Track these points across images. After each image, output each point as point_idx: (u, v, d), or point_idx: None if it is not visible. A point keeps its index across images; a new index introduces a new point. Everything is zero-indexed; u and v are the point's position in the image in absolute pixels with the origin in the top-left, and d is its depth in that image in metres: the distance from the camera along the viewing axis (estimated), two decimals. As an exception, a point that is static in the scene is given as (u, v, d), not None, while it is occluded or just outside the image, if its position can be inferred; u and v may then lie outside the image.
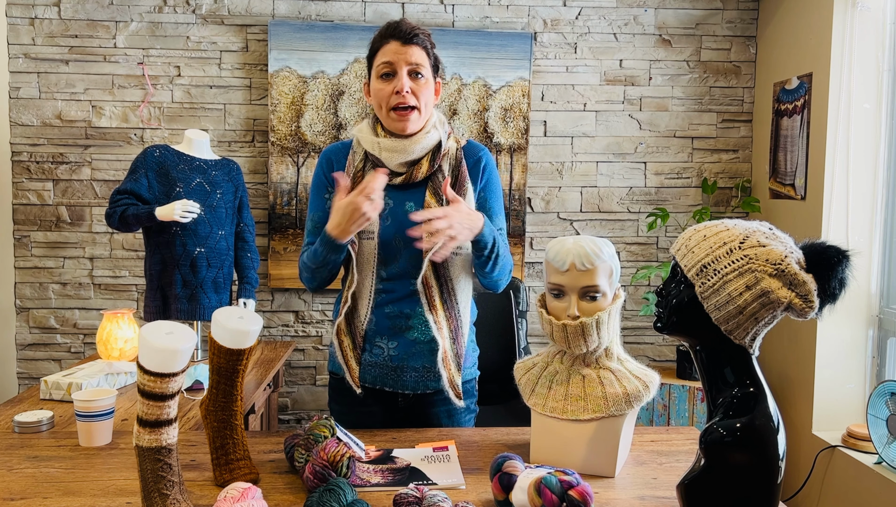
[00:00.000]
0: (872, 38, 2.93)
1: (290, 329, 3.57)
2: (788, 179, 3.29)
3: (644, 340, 3.72)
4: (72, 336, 3.51)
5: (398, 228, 1.63)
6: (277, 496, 1.27)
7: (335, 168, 1.69)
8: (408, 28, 1.61)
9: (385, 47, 1.61)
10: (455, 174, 1.67)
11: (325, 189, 1.70)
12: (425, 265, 1.61)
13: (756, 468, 1.11)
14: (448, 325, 1.65)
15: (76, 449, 1.51)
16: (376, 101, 1.64)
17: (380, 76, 1.62)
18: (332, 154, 1.72)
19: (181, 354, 1.13)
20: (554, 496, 1.14)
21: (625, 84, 3.60)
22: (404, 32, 1.60)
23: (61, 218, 3.46)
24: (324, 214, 1.66)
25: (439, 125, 1.68)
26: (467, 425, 1.76)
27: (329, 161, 1.71)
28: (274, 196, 3.45)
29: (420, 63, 1.61)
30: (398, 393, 1.68)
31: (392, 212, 1.64)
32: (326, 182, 1.70)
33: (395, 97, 1.60)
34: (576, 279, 1.37)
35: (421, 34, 1.62)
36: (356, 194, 1.48)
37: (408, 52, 1.60)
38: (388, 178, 1.60)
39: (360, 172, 1.65)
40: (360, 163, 1.67)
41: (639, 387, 1.38)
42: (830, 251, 1.09)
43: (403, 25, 1.62)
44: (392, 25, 1.62)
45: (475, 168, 1.70)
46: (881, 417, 2.49)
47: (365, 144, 1.66)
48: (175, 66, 3.45)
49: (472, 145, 1.74)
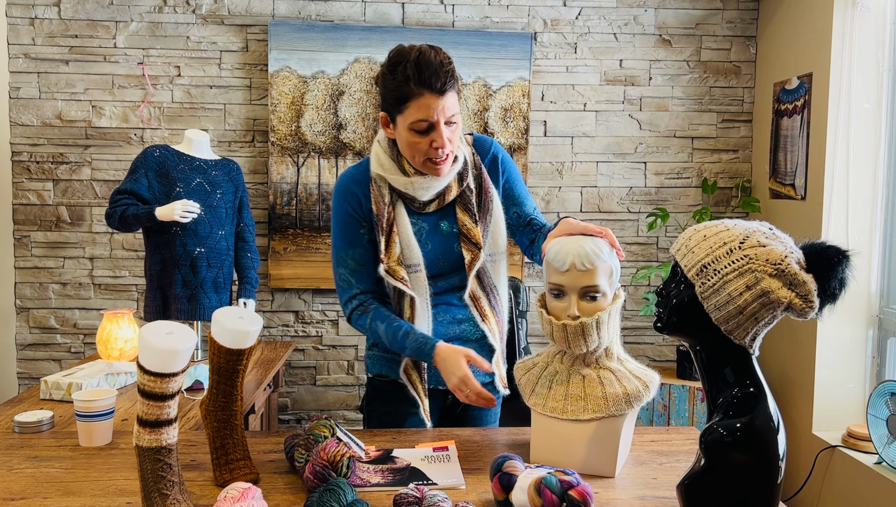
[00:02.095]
0: (872, 38, 2.93)
1: (290, 329, 3.57)
2: (788, 179, 3.29)
3: (644, 340, 3.72)
4: (72, 336, 3.51)
5: (439, 249, 1.65)
6: (277, 496, 1.27)
7: (363, 203, 1.63)
8: (441, 74, 1.47)
9: (418, 100, 1.48)
10: (478, 183, 1.66)
11: (359, 225, 1.64)
12: (470, 281, 1.64)
13: (756, 468, 1.11)
14: (497, 328, 1.69)
15: (76, 449, 1.51)
16: (410, 151, 1.56)
17: (414, 130, 1.52)
18: (356, 187, 1.64)
19: (181, 354, 1.13)
20: (554, 496, 1.14)
21: (625, 84, 3.60)
22: (439, 83, 1.47)
23: (61, 218, 3.46)
24: (364, 250, 1.64)
25: (460, 144, 1.64)
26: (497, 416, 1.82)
27: (355, 196, 1.64)
28: (274, 196, 3.45)
29: (454, 111, 1.52)
30: (448, 391, 1.70)
31: (430, 236, 1.65)
32: (359, 217, 1.64)
33: (433, 151, 1.53)
34: (576, 279, 1.37)
35: (451, 73, 1.49)
36: (473, 391, 1.51)
37: (445, 104, 1.49)
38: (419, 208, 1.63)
39: (390, 206, 1.62)
40: (388, 197, 1.62)
41: (639, 387, 1.38)
42: (830, 251, 1.09)
43: (435, 70, 1.46)
44: (422, 69, 1.46)
45: (493, 166, 1.71)
46: (881, 417, 2.48)
47: (394, 183, 1.60)
48: (175, 66, 3.45)
49: (480, 142, 1.72)
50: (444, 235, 1.65)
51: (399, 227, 1.62)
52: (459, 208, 1.65)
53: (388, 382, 1.72)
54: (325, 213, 3.47)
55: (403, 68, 1.48)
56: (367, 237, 1.65)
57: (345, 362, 3.61)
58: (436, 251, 1.65)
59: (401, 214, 1.63)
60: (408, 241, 1.62)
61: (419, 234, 1.64)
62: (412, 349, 1.57)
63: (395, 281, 1.60)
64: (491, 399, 1.52)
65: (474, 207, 1.64)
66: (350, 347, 3.60)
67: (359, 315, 1.65)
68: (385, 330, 1.60)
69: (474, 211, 1.64)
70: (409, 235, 1.62)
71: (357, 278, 1.65)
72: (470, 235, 1.63)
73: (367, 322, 1.63)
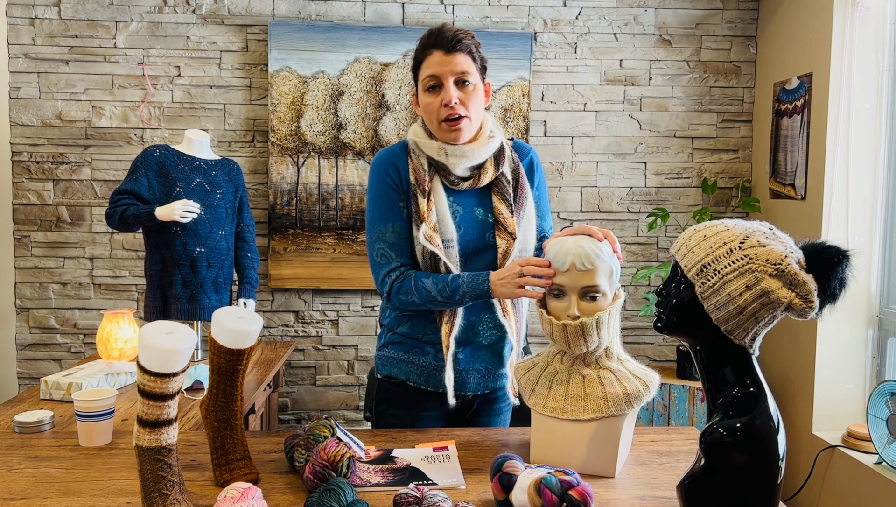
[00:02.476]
0: (872, 38, 2.93)
1: (290, 329, 3.57)
2: (788, 179, 3.29)
3: (644, 340, 3.72)
4: (72, 336, 3.51)
5: (471, 236, 1.64)
6: (277, 496, 1.27)
7: (402, 175, 1.65)
8: (450, 35, 1.56)
9: (429, 59, 1.58)
10: (515, 177, 1.67)
11: (398, 197, 1.65)
12: None
13: (756, 468, 1.11)
14: (516, 328, 1.69)
15: (76, 449, 1.51)
16: (426, 114, 1.61)
17: (426, 89, 1.59)
18: (395, 160, 1.66)
19: (181, 354, 1.13)
20: (554, 496, 1.14)
21: (625, 84, 3.60)
22: (447, 40, 1.55)
23: (61, 218, 3.46)
24: (404, 222, 1.64)
25: (496, 129, 1.66)
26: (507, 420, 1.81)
27: (395, 168, 1.65)
28: (274, 196, 3.45)
29: (466, 70, 1.57)
30: (458, 395, 1.70)
31: (463, 220, 1.64)
32: (398, 189, 1.65)
33: (444, 109, 1.57)
34: (576, 279, 1.37)
35: (465, 38, 1.57)
36: (530, 263, 1.45)
37: (452, 61, 1.56)
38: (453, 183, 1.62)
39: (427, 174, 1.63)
40: (427, 166, 1.63)
41: (639, 387, 1.38)
42: (830, 251, 1.09)
43: (446, 32, 1.56)
44: (434, 34, 1.58)
45: (529, 169, 1.73)
46: (881, 417, 2.48)
47: (428, 150, 1.62)
48: (175, 66, 3.45)
49: (520, 146, 1.75)
50: (479, 222, 1.65)
51: (436, 198, 1.63)
52: (496, 196, 1.65)
53: (397, 383, 1.73)
54: (325, 213, 3.47)
55: (424, 38, 1.60)
56: (407, 211, 1.65)
57: (345, 362, 3.61)
58: (467, 237, 1.64)
59: (437, 188, 1.63)
60: (443, 214, 1.62)
61: (454, 215, 1.64)
62: (467, 285, 1.55)
63: (432, 246, 1.58)
64: (547, 264, 1.42)
65: (510, 197, 1.65)
66: (350, 347, 3.60)
67: (400, 282, 1.61)
68: (433, 282, 1.57)
69: (511, 201, 1.65)
70: (444, 209, 1.62)
71: (396, 252, 1.63)
72: (506, 224, 1.63)
73: (411, 284, 1.59)
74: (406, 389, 1.71)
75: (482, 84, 1.63)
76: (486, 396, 1.75)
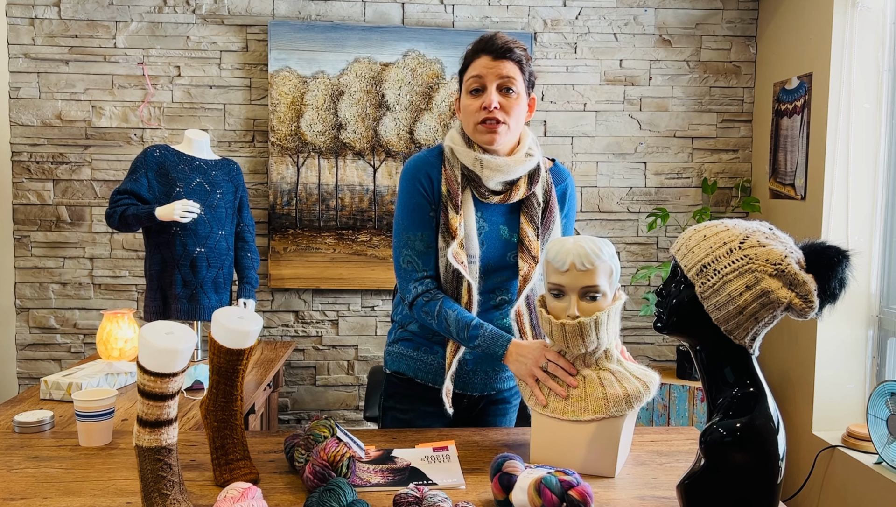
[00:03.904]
0: (872, 38, 2.93)
1: (290, 329, 3.57)
2: (788, 179, 3.29)
3: (644, 340, 3.72)
4: (72, 336, 3.51)
5: (492, 254, 1.64)
6: (277, 496, 1.27)
7: (435, 184, 1.62)
8: (501, 42, 1.55)
9: (476, 62, 1.57)
10: (546, 199, 1.66)
11: (429, 206, 1.63)
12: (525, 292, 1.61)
13: (756, 468, 1.11)
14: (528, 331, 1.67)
15: (76, 449, 1.51)
16: (465, 116, 1.59)
17: (469, 91, 1.57)
18: (429, 168, 1.64)
19: (181, 354, 1.13)
20: (554, 496, 1.14)
21: (625, 84, 3.60)
22: (497, 47, 1.55)
23: (61, 218, 3.46)
24: (432, 232, 1.63)
25: (535, 147, 1.64)
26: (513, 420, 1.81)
27: (428, 178, 1.63)
28: (274, 196, 3.45)
29: (511, 77, 1.55)
30: (465, 395, 1.71)
31: (487, 237, 1.64)
32: (430, 198, 1.63)
33: (482, 112, 1.55)
34: (576, 279, 1.37)
35: (516, 49, 1.56)
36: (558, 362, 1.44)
37: (499, 66, 1.54)
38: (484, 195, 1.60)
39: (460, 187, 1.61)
40: (461, 178, 1.61)
41: (639, 387, 1.38)
42: (830, 251, 1.09)
43: (497, 39, 1.56)
44: (485, 39, 1.57)
45: (562, 196, 1.71)
46: (881, 417, 2.49)
47: (463, 157, 1.59)
48: (175, 66, 3.45)
49: (559, 171, 1.73)
50: (503, 241, 1.64)
51: (465, 213, 1.61)
52: (524, 216, 1.63)
53: (405, 380, 1.74)
54: (325, 213, 3.47)
55: (476, 42, 1.59)
56: (435, 221, 1.63)
57: (345, 362, 3.61)
58: (489, 254, 1.63)
59: (468, 201, 1.62)
60: (470, 230, 1.61)
61: (480, 231, 1.63)
62: (485, 339, 1.54)
63: (457, 264, 1.57)
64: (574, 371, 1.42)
65: (538, 220, 1.63)
66: (350, 347, 3.60)
67: (425, 301, 1.60)
68: (457, 317, 1.56)
69: (538, 223, 1.63)
70: (472, 224, 1.61)
71: (424, 261, 1.63)
72: (530, 247, 1.62)
73: (434, 309, 1.58)
74: (413, 385, 1.72)
75: (526, 97, 1.60)
76: (491, 397, 1.75)
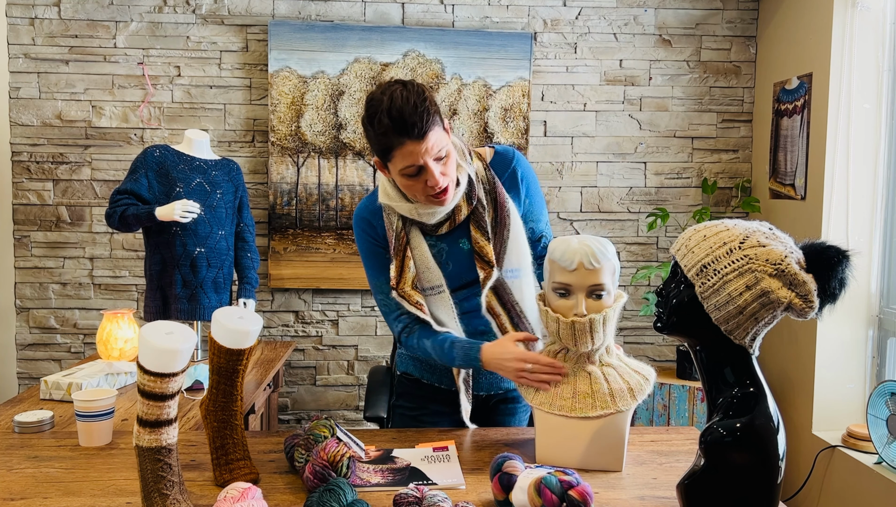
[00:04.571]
0: (872, 38, 2.93)
1: (290, 329, 3.57)
2: (788, 179, 3.29)
3: (644, 340, 3.72)
4: (72, 336, 3.51)
5: (459, 268, 1.63)
6: (277, 496, 1.27)
7: (378, 231, 1.64)
8: (411, 120, 1.41)
9: (402, 150, 1.44)
10: (493, 197, 1.62)
11: (384, 251, 1.64)
12: (485, 298, 1.61)
13: (756, 468, 1.11)
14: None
15: (76, 449, 1.51)
16: (408, 192, 1.55)
17: (405, 175, 1.49)
18: (370, 217, 1.65)
19: (181, 354, 1.13)
20: (554, 496, 1.14)
21: (625, 84, 3.60)
22: (416, 129, 1.41)
23: (61, 218, 3.46)
24: None
25: (462, 162, 1.58)
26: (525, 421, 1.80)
27: (370, 224, 1.64)
28: (274, 196, 3.45)
29: (440, 145, 1.46)
30: (473, 395, 1.71)
31: (450, 256, 1.64)
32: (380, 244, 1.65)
33: (431, 190, 1.50)
34: (583, 278, 1.39)
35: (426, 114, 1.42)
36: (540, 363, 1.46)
37: (426, 145, 1.44)
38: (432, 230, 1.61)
39: (402, 231, 1.61)
40: (400, 224, 1.61)
41: (640, 380, 1.42)
42: (830, 251, 1.09)
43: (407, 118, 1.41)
44: (396, 121, 1.41)
45: (512, 181, 1.67)
46: (881, 417, 2.48)
47: (401, 210, 1.59)
48: (175, 66, 3.45)
49: (501, 156, 1.68)
50: (465, 253, 1.64)
51: (414, 251, 1.61)
52: (473, 226, 1.62)
53: (413, 380, 1.76)
54: (325, 213, 3.47)
55: (379, 120, 1.43)
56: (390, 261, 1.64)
57: (345, 362, 3.61)
58: (456, 269, 1.64)
59: (416, 238, 1.62)
60: (426, 263, 1.61)
61: (439, 255, 1.63)
62: (461, 359, 1.57)
63: (410, 305, 1.59)
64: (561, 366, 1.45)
65: (487, 225, 1.61)
66: (350, 347, 3.60)
67: (406, 336, 1.65)
68: (432, 345, 1.59)
69: (487, 228, 1.61)
70: (426, 258, 1.61)
71: (395, 302, 1.64)
72: (483, 253, 1.61)
73: (414, 342, 1.63)
74: (420, 386, 1.75)
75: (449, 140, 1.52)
76: (501, 395, 1.75)
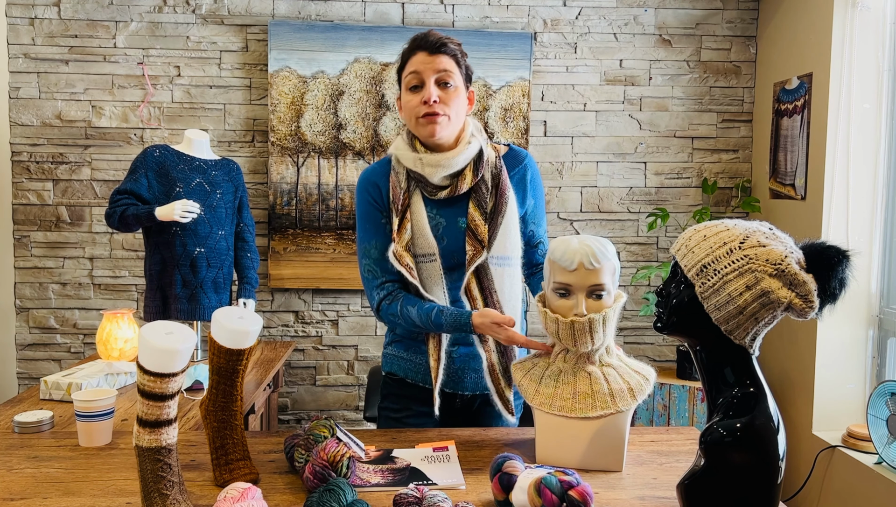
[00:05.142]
0: (872, 38, 2.93)
1: (290, 329, 3.57)
2: (788, 179, 3.29)
3: (644, 340, 3.72)
4: (72, 336, 3.51)
5: (454, 246, 1.64)
6: (277, 496, 1.27)
7: (383, 193, 1.67)
8: (435, 38, 1.59)
9: (413, 59, 1.60)
10: (496, 183, 1.66)
11: (380, 214, 1.67)
12: (468, 276, 1.63)
13: (756, 468, 1.11)
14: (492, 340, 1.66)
15: (76, 449, 1.51)
16: (406, 112, 1.62)
17: (409, 88, 1.61)
18: (377, 178, 1.68)
19: (181, 354, 1.13)
20: (554, 496, 1.14)
21: (625, 84, 3.60)
22: (432, 42, 1.58)
23: (61, 218, 3.46)
24: (386, 239, 1.65)
25: (477, 134, 1.66)
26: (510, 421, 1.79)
27: (376, 187, 1.67)
28: (274, 196, 3.45)
29: (448, 70, 1.59)
30: (457, 394, 1.71)
31: (446, 231, 1.64)
32: (380, 207, 1.67)
33: (423, 107, 1.57)
34: (584, 278, 1.39)
35: (450, 43, 1.60)
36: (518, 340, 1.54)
37: (435, 60, 1.58)
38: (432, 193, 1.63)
39: (405, 191, 1.64)
40: (405, 183, 1.64)
41: (640, 380, 1.42)
42: (830, 251, 1.09)
43: (431, 36, 1.60)
44: (419, 37, 1.60)
45: (521, 181, 1.71)
46: (881, 417, 2.49)
47: (405, 161, 1.63)
48: (175, 66, 3.45)
49: (515, 153, 1.73)
50: (461, 232, 1.65)
51: (413, 214, 1.63)
52: (472, 202, 1.64)
53: (397, 380, 1.75)
54: (325, 213, 3.47)
55: (411, 40, 1.62)
56: (389, 227, 1.66)
57: (344, 362, 3.61)
58: (451, 247, 1.65)
59: (416, 203, 1.64)
60: (421, 229, 1.62)
61: (436, 229, 1.64)
62: (450, 324, 1.57)
63: (400, 266, 1.60)
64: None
65: (487, 205, 1.64)
66: (350, 347, 3.60)
67: (388, 304, 1.64)
68: (418, 312, 1.60)
69: (486, 208, 1.64)
70: (423, 224, 1.63)
71: (381, 268, 1.65)
72: (476, 231, 1.63)
73: (397, 309, 1.62)
74: (405, 385, 1.74)
75: (465, 90, 1.64)
76: (485, 396, 1.74)
